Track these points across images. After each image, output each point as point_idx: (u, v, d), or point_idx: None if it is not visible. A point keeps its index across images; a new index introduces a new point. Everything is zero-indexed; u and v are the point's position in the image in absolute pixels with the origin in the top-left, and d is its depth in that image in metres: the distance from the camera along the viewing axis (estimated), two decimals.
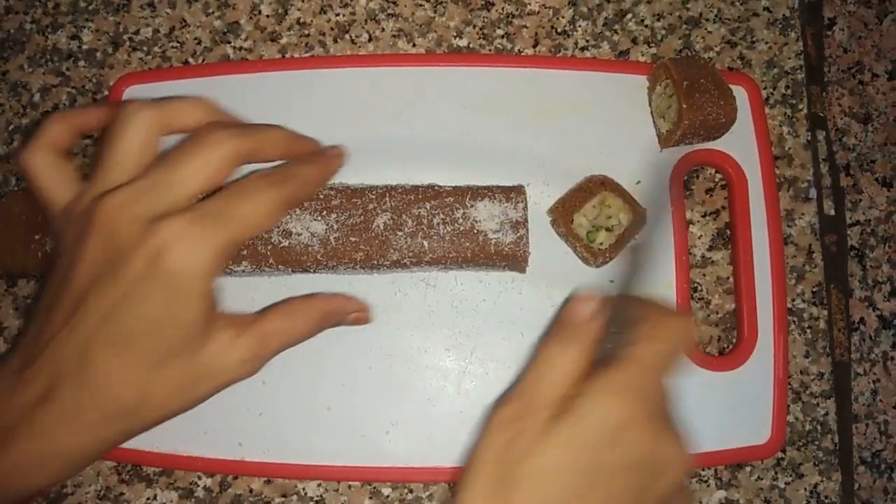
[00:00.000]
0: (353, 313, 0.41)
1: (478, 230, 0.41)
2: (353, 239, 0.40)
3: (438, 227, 0.41)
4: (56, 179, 0.35)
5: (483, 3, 0.51)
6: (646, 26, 0.51)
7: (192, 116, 0.36)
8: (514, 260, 0.42)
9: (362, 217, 0.41)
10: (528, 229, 0.42)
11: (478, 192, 0.42)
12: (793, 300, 0.48)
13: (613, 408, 0.30)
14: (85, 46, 0.51)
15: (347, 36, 0.51)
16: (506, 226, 0.42)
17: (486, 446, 0.30)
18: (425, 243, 0.41)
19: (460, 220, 0.41)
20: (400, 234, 0.41)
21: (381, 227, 0.41)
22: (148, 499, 0.45)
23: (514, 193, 0.43)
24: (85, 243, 0.32)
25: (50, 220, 0.36)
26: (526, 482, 0.29)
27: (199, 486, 0.46)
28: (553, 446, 0.29)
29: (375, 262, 0.41)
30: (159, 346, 0.32)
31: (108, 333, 0.32)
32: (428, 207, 0.42)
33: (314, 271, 0.41)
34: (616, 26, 0.51)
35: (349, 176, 0.42)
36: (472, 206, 0.42)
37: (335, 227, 0.40)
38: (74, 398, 0.32)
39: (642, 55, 0.51)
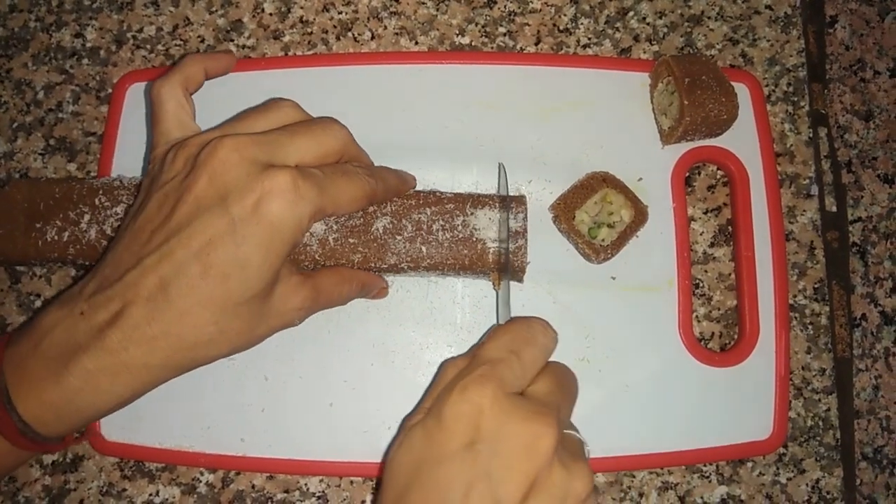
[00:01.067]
0: (377, 288, 0.44)
1: (477, 238, 0.41)
2: (351, 240, 0.40)
3: (437, 234, 0.41)
4: (178, 112, 0.38)
5: (485, 0, 0.51)
6: (648, 24, 0.51)
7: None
8: (512, 269, 0.42)
9: (362, 219, 0.41)
10: (527, 239, 0.42)
11: (478, 200, 0.42)
12: (794, 296, 0.48)
13: (458, 400, 0.31)
14: (89, 44, 0.51)
15: (350, 34, 0.51)
16: (506, 234, 0.42)
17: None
18: (424, 249, 0.41)
19: (460, 228, 0.41)
20: (399, 238, 0.41)
21: (381, 231, 0.41)
22: (150, 495, 0.45)
23: (514, 203, 0.43)
24: (194, 177, 0.34)
25: (151, 148, 0.38)
26: (386, 472, 0.33)
27: (201, 481, 0.46)
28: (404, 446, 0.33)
29: (373, 265, 0.41)
30: (243, 288, 0.33)
31: (200, 266, 0.33)
32: (428, 213, 0.42)
33: (312, 270, 0.42)
34: (618, 24, 0.51)
35: None
36: (472, 213, 0.42)
37: (334, 227, 0.40)
38: (147, 324, 0.33)
39: (644, 53, 0.51)
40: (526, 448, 0.30)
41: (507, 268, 0.41)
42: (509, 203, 0.42)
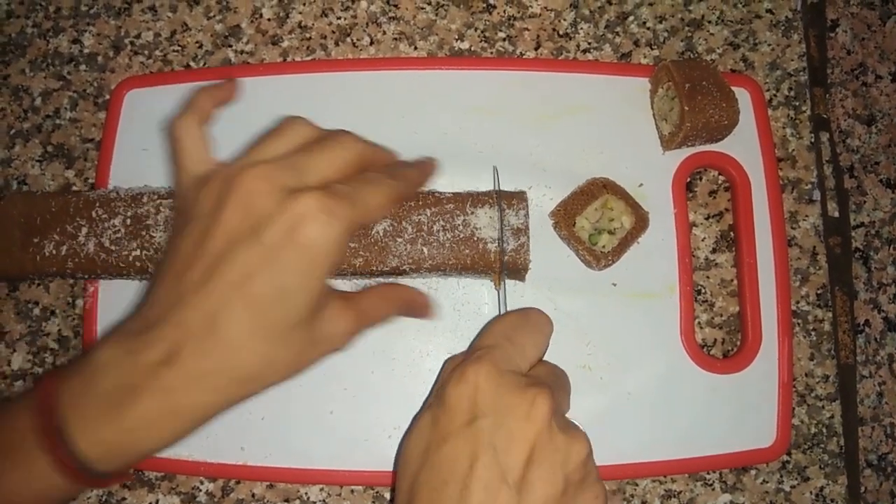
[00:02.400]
0: (421, 304, 0.42)
1: (478, 237, 0.41)
2: (352, 245, 0.40)
3: (438, 234, 0.41)
4: (197, 147, 0.38)
5: (485, 5, 0.51)
6: (648, 28, 0.51)
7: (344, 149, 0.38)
8: (515, 268, 0.42)
9: None
10: (528, 237, 0.41)
11: (478, 199, 0.42)
12: (797, 302, 0.48)
13: (457, 383, 0.33)
14: (86, 50, 0.51)
15: (349, 39, 0.51)
16: (507, 233, 0.41)
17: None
18: (425, 250, 0.41)
19: (460, 227, 0.41)
20: (400, 240, 0.41)
21: (381, 234, 0.40)
22: None
23: (515, 200, 0.42)
24: (224, 209, 0.34)
25: (176, 185, 0.38)
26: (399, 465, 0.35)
27: (201, 490, 0.45)
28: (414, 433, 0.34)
29: (375, 269, 0.41)
30: (288, 315, 0.33)
31: (242, 299, 0.33)
32: (428, 214, 0.41)
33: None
34: (618, 28, 0.51)
35: None
36: (472, 212, 0.42)
37: None
38: (200, 361, 0.33)
39: (644, 57, 0.51)
40: (524, 415, 0.31)
41: (503, 266, 0.41)
42: (504, 201, 0.42)
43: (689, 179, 0.48)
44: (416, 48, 0.51)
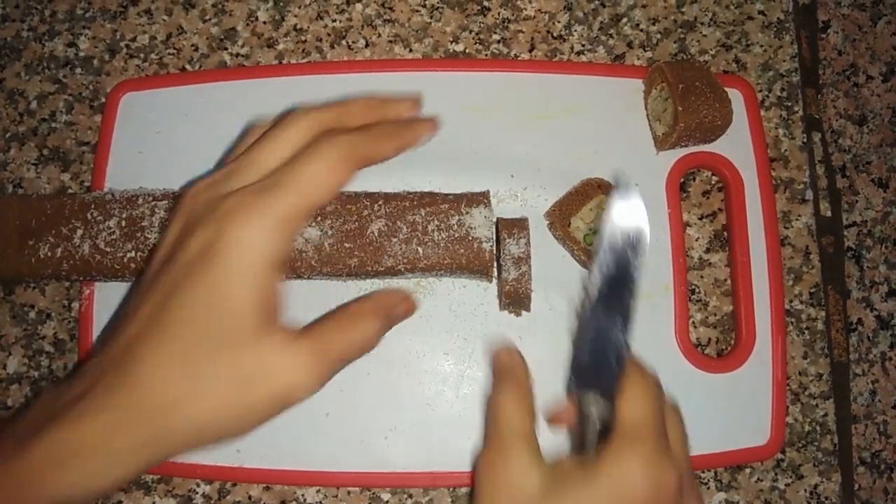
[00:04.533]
0: (399, 305, 0.35)
1: (473, 237, 0.41)
2: (347, 245, 0.40)
3: (433, 234, 0.41)
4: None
5: (479, 8, 0.51)
6: (641, 30, 0.51)
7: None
8: (517, 297, 0.42)
9: (357, 223, 0.41)
10: (530, 266, 0.41)
11: (473, 199, 0.42)
12: (790, 301, 0.48)
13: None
14: (82, 54, 0.51)
15: (344, 42, 0.51)
16: (508, 262, 0.41)
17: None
18: (420, 250, 0.41)
19: (455, 227, 0.41)
20: (395, 240, 0.41)
21: (376, 234, 0.41)
22: None
23: (516, 229, 0.42)
24: (165, 232, 0.32)
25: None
26: None
27: (197, 493, 0.45)
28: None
29: (370, 269, 0.41)
30: (203, 337, 0.29)
31: (156, 324, 0.30)
32: (423, 214, 0.41)
33: (308, 277, 0.41)
34: (611, 30, 0.51)
35: None
36: (467, 212, 0.42)
37: (329, 232, 0.40)
38: (110, 393, 0.29)
39: (638, 59, 0.51)
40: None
41: (501, 296, 0.42)
42: (504, 230, 0.42)
43: (682, 180, 0.49)
44: (411, 50, 0.51)
